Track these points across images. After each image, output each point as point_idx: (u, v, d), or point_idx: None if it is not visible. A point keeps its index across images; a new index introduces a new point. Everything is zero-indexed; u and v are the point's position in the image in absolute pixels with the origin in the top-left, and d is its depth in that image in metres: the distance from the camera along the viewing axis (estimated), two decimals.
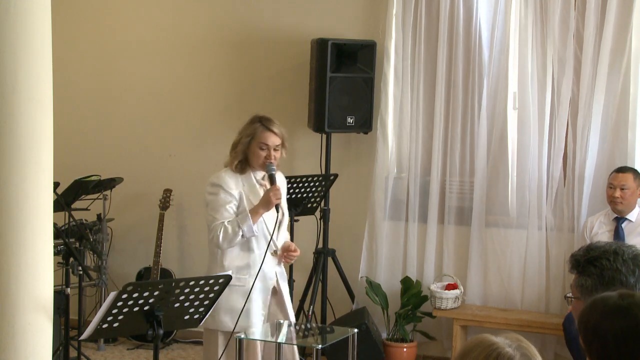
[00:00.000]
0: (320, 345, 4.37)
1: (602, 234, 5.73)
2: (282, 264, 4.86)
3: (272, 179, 4.63)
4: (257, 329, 4.64)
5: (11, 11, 3.66)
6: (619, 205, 5.66)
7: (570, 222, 6.10)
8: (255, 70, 6.85)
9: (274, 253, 4.73)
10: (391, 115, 6.48)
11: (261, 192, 4.69)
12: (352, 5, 6.60)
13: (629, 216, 5.69)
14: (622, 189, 5.63)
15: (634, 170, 5.72)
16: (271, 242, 4.68)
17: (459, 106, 6.30)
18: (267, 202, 4.58)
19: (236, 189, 4.66)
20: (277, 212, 4.63)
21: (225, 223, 4.59)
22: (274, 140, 4.68)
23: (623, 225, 5.66)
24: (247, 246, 4.66)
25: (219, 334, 4.67)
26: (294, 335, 4.73)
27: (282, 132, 4.74)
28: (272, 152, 4.67)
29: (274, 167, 4.66)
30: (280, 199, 4.62)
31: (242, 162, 4.70)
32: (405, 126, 6.44)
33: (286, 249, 4.76)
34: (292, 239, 5.10)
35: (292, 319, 4.84)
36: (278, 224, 4.70)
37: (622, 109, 5.96)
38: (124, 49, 7.16)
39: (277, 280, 4.77)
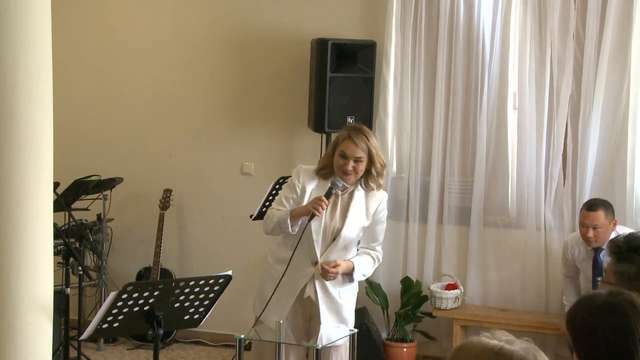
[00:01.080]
0: (320, 345, 4.37)
1: (581, 261, 5.70)
2: (343, 284, 4.65)
3: (328, 191, 4.45)
4: (270, 325, 4.55)
5: (11, 11, 3.66)
6: (593, 244, 5.55)
7: (570, 222, 6.09)
8: (255, 70, 6.85)
9: (314, 264, 4.56)
10: (391, 116, 6.48)
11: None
12: (352, 5, 6.60)
13: (605, 247, 5.56)
14: (594, 229, 5.49)
15: (604, 206, 5.54)
16: (313, 252, 4.54)
17: (459, 106, 6.30)
18: (306, 208, 4.46)
19: (302, 184, 4.56)
20: (309, 221, 4.42)
21: (274, 210, 4.58)
22: (353, 150, 4.45)
23: (601, 254, 5.54)
24: (292, 244, 4.53)
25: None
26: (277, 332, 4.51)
27: (369, 146, 4.47)
28: (352, 163, 4.46)
29: (339, 184, 4.48)
30: (319, 212, 4.39)
31: (329, 167, 4.54)
32: (405, 126, 6.44)
33: (325, 263, 4.53)
34: None
35: (322, 341, 4.51)
36: (330, 236, 4.56)
37: (623, 109, 5.96)
38: (124, 49, 7.15)
39: (315, 293, 4.58)
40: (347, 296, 4.68)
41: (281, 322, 4.54)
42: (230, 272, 4.16)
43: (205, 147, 6.94)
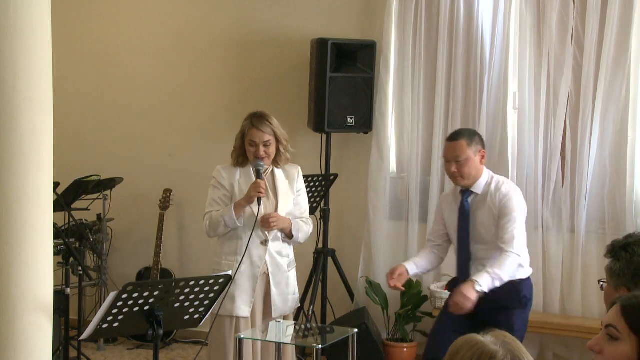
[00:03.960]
0: (320, 345, 4.37)
1: (450, 213, 5.00)
2: (289, 261, 4.96)
3: (257, 174, 4.80)
4: (243, 313, 4.79)
5: (11, 12, 3.66)
6: (460, 181, 4.83)
7: (569, 222, 6.08)
8: (255, 70, 6.85)
9: (264, 242, 4.84)
10: (391, 116, 6.48)
11: None
12: (352, 5, 6.60)
13: (474, 188, 4.85)
14: (457, 162, 4.77)
15: (467, 135, 4.87)
16: (260, 233, 4.82)
17: (459, 106, 6.30)
18: (248, 196, 4.77)
19: (229, 180, 4.87)
20: (259, 205, 4.72)
21: (213, 213, 4.84)
22: (260, 137, 4.81)
23: (469, 199, 4.88)
24: (235, 234, 4.85)
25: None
26: (275, 332, 4.69)
27: (273, 129, 4.85)
28: (262, 148, 4.81)
29: (261, 163, 4.80)
30: (262, 192, 4.73)
31: (242, 155, 4.88)
32: (406, 126, 6.44)
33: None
34: None
35: (278, 313, 4.87)
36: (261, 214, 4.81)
37: (622, 108, 5.95)
38: (124, 49, 7.16)
39: (267, 269, 4.86)
40: (291, 268, 4.99)
41: (279, 320, 4.55)
42: (230, 272, 4.17)
43: (205, 147, 6.94)
